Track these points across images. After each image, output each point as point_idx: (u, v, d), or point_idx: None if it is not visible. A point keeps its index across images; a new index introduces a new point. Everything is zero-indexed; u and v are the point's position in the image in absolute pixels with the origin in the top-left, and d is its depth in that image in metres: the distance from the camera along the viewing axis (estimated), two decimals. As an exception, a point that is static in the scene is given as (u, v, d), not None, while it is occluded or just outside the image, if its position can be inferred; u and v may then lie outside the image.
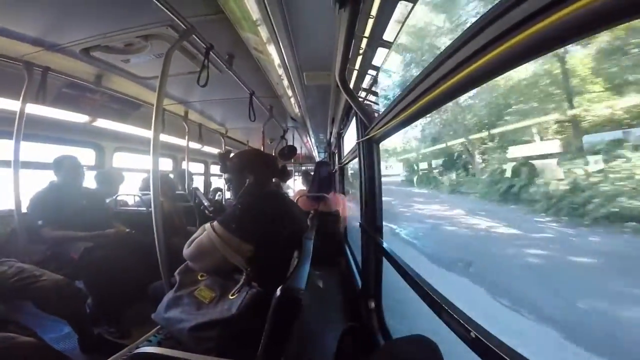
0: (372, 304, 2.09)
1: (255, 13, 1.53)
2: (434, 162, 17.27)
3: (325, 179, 4.22)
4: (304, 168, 10.36)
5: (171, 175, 4.48)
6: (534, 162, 9.55)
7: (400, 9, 1.45)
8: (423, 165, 18.53)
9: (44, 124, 2.87)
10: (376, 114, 2.06)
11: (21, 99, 2.21)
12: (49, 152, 3.04)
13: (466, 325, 0.72)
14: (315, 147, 7.82)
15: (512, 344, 0.59)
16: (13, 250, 2.23)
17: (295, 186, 9.57)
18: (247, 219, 1.33)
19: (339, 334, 1.96)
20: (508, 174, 10.38)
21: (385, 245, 1.75)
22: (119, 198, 3.40)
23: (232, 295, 1.26)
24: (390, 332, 1.91)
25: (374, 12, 1.44)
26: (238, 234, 1.27)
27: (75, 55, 2.14)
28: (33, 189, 2.44)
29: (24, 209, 2.36)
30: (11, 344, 1.13)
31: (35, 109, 2.46)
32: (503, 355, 0.58)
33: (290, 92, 2.81)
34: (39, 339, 1.66)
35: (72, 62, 2.23)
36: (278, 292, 1.08)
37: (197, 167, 6.42)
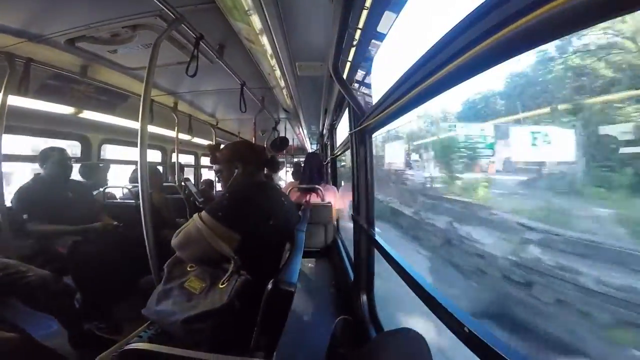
0: (364, 297, 2.10)
1: (247, 2, 1.50)
2: None
3: (316, 170, 4.20)
4: (295, 160, 10.33)
5: (159, 168, 4.43)
6: None
7: (395, 1, 1.43)
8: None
9: (27, 116, 2.80)
10: (369, 106, 2.05)
11: (2, 91, 2.15)
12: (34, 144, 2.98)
13: (460, 321, 0.72)
14: (307, 139, 7.79)
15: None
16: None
17: (287, 178, 9.53)
18: (235, 208, 1.33)
19: (332, 327, 1.98)
20: None
21: (377, 237, 1.75)
22: (107, 190, 3.36)
23: (222, 284, 1.27)
24: (381, 325, 1.93)
25: (368, 3, 1.42)
26: (225, 223, 1.27)
27: (59, 46, 2.08)
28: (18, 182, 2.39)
29: (7, 203, 2.30)
30: None
31: (18, 101, 2.39)
32: (497, 351, 0.58)
33: (282, 83, 2.78)
34: (26, 335, 1.63)
35: (57, 53, 2.17)
36: (270, 285, 1.08)
37: (187, 159, 6.37)
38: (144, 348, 1.14)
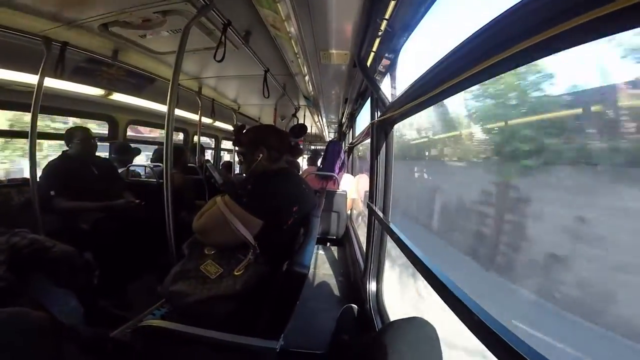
0: (373, 286, 2.13)
1: (274, -11, 1.51)
2: None
3: (335, 158, 4.20)
4: (312, 147, 10.34)
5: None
6: None
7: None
8: None
9: (60, 97, 2.92)
10: (392, 97, 2.05)
11: (39, 72, 2.22)
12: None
13: (470, 309, 0.74)
14: (325, 127, 7.77)
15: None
16: (26, 220, 2.28)
17: (303, 164, 9.55)
18: (260, 195, 1.33)
19: (338, 314, 2.02)
20: None
21: (392, 225, 1.74)
22: (130, 168, 3.46)
23: (237, 272, 1.27)
24: (388, 314, 1.95)
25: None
26: (249, 209, 1.28)
27: (93, 31, 2.14)
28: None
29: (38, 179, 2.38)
30: (25, 319, 1.11)
31: (52, 82, 2.47)
32: (506, 341, 0.60)
33: (305, 70, 2.77)
34: (47, 312, 1.69)
35: (91, 37, 2.24)
36: (283, 269, 1.10)
37: (207, 142, 6.49)
38: (157, 325, 1.17)
